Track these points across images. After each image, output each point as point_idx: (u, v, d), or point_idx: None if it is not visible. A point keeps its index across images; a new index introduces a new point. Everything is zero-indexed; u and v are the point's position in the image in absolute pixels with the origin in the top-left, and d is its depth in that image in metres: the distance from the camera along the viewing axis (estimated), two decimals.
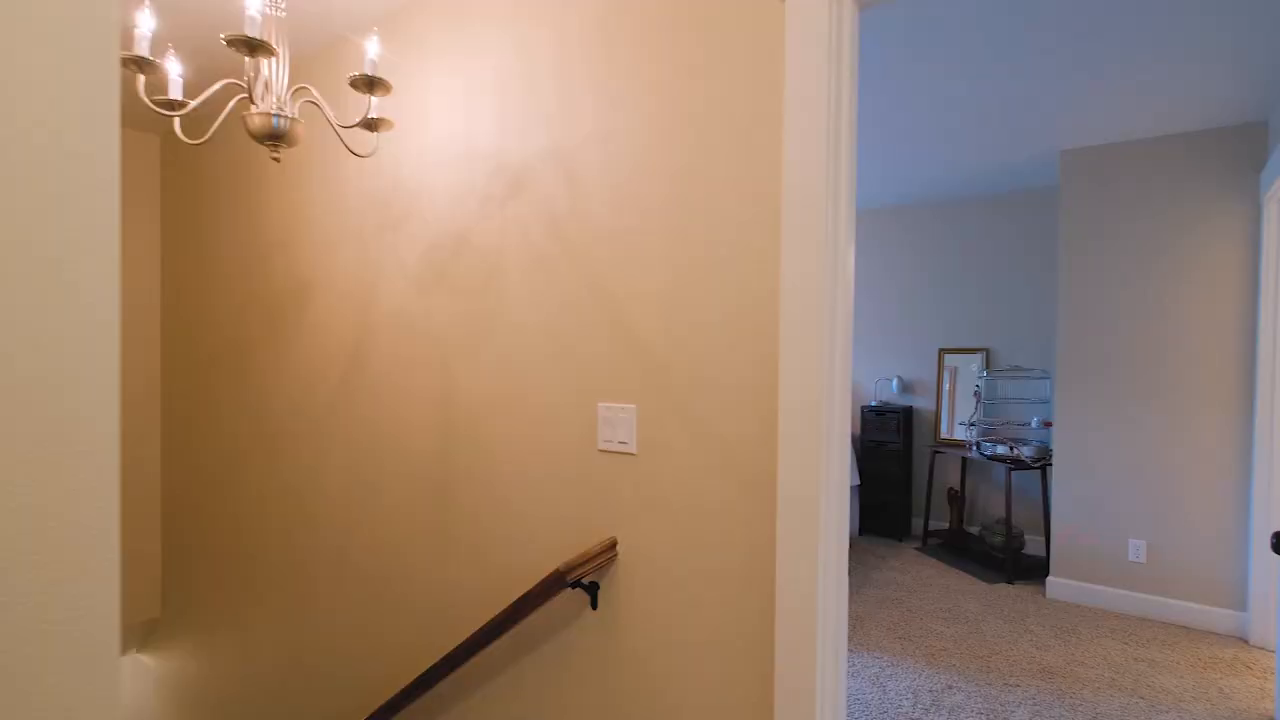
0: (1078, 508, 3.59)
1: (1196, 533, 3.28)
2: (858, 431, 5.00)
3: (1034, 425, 4.31)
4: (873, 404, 4.86)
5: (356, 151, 1.69)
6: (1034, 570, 3.96)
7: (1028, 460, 4.01)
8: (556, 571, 1.45)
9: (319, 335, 2.24)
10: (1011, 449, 4.09)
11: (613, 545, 1.52)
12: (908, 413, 4.76)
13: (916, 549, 4.50)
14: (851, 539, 4.71)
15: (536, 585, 1.52)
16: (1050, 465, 3.93)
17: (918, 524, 4.90)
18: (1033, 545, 4.37)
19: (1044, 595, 3.66)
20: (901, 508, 4.72)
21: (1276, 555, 1.47)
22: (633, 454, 1.49)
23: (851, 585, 3.78)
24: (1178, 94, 2.86)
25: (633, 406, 1.48)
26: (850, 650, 2.93)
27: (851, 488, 4.73)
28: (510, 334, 1.70)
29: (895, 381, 4.92)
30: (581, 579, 1.49)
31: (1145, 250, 3.42)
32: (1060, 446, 3.66)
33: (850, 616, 3.33)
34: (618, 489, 1.51)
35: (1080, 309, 3.59)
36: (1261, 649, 3.03)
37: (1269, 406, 2.99)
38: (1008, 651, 2.95)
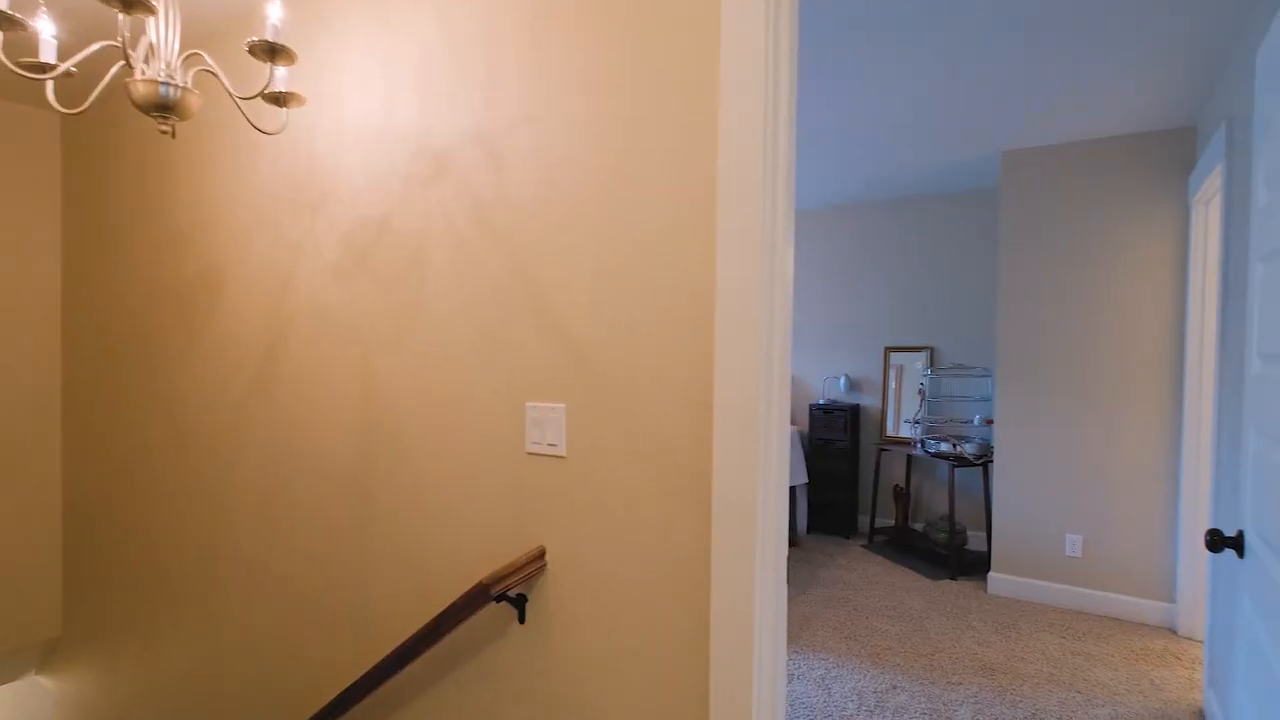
0: (1017, 504, 3.65)
1: (1130, 528, 3.35)
2: (806, 430, 5.00)
3: (976, 423, 4.37)
4: (821, 402, 4.86)
5: (263, 128, 1.54)
6: (976, 566, 4.01)
7: (970, 457, 4.06)
8: (480, 584, 1.35)
9: (233, 325, 2.08)
10: (954, 446, 4.14)
11: (541, 554, 1.42)
12: (855, 411, 4.78)
13: (863, 546, 4.53)
14: (800, 537, 4.70)
15: (459, 599, 1.41)
16: (991, 462, 3.99)
17: (864, 521, 4.94)
18: (975, 541, 4.44)
19: (986, 591, 3.70)
20: (849, 505, 4.74)
21: (1211, 553, 1.46)
22: (562, 457, 1.39)
23: (799, 584, 3.76)
24: (1113, 98, 2.90)
25: (562, 406, 1.38)
26: (796, 652, 2.90)
27: (800, 486, 4.73)
28: (434, 326, 1.58)
29: (843, 380, 4.94)
30: (507, 591, 1.39)
31: (1081, 251, 3.49)
32: (1000, 444, 3.70)
33: (797, 617, 3.31)
34: (546, 494, 1.42)
35: (1019, 308, 3.64)
36: (1189, 639, 3.12)
37: (1196, 405, 3.08)
38: (951, 649, 2.95)
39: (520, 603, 1.44)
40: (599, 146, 1.33)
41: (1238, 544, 1.49)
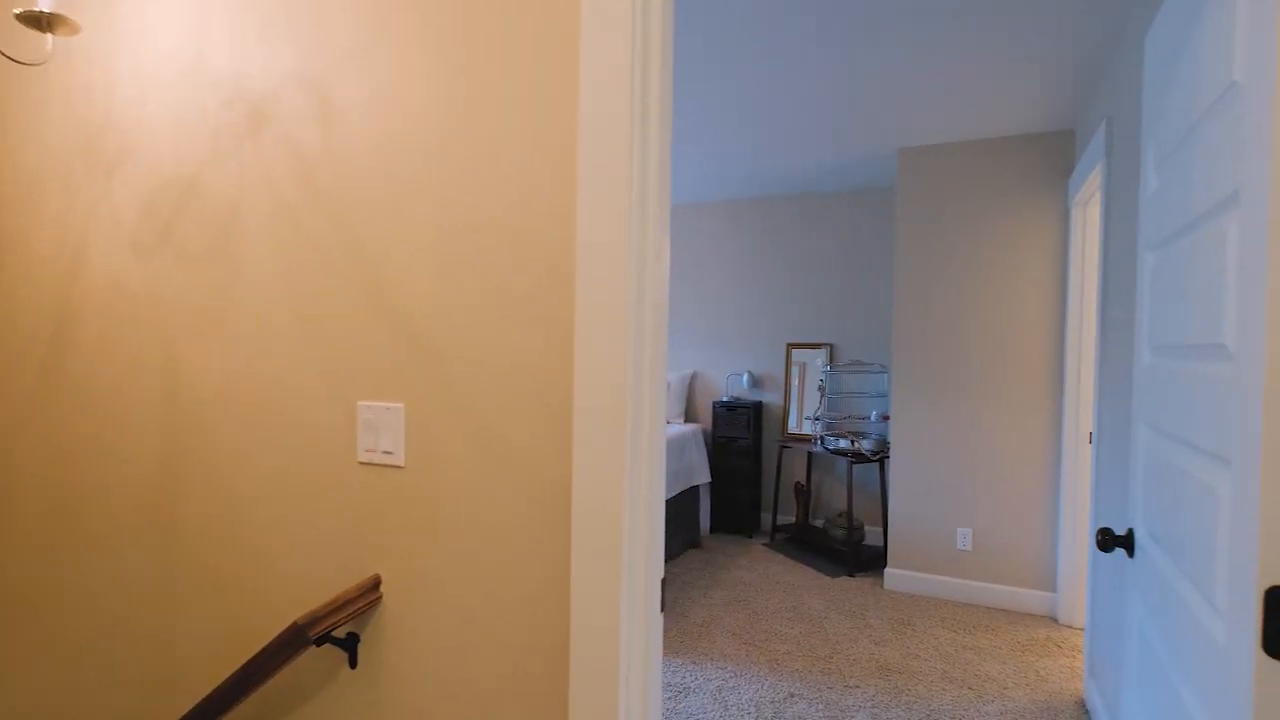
0: (912, 499, 3.68)
1: (1016, 520, 3.44)
2: (709, 427, 4.92)
3: (873, 419, 4.41)
4: (724, 399, 4.79)
5: (17, 58, 1.22)
6: (874, 561, 4.03)
7: (867, 454, 4.08)
8: (294, 626, 1.10)
9: (12, 307, 1.70)
10: (853, 443, 4.15)
11: (375, 585, 1.18)
12: (758, 408, 4.73)
13: (765, 544, 4.48)
14: (702, 537, 4.61)
15: (270, 644, 1.15)
16: (888, 458, 4.02)
17: (767, 519, 4.90)
18: (873, 536, 4.48)
19: (882, 587, 3.71)
20: (751, 503, 4.68)
21: (1102, 552, 1.40)
22: (400, 466, 1.16)
23: (700, 587, 3.65)
24: (998, 97, 2.94)
25: (400, 405, 1.15)
26: (693, 662, 2.76)
27: (703, 485, 4.64)
28: (250, 309, 1.31)
29: (746, 376, 4.89)
30: (331, 631, 1.14)
31: (971, 250, 3.54)
32: (896, 440, 3.73)
33: (698, 621, 3.18)
34: (382, 512, 1.18)
35: (913, 306, 3.67)
36: (1068, 626, 3.22)
37: (1075, 401, 3.17)
38: (848, 650, 2.90)
39: (351, 644, 1.19)
40: (442, 98, 1.11)
41: (1128, 543, 1.44)
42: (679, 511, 4.26)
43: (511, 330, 1.06)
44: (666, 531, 4.05)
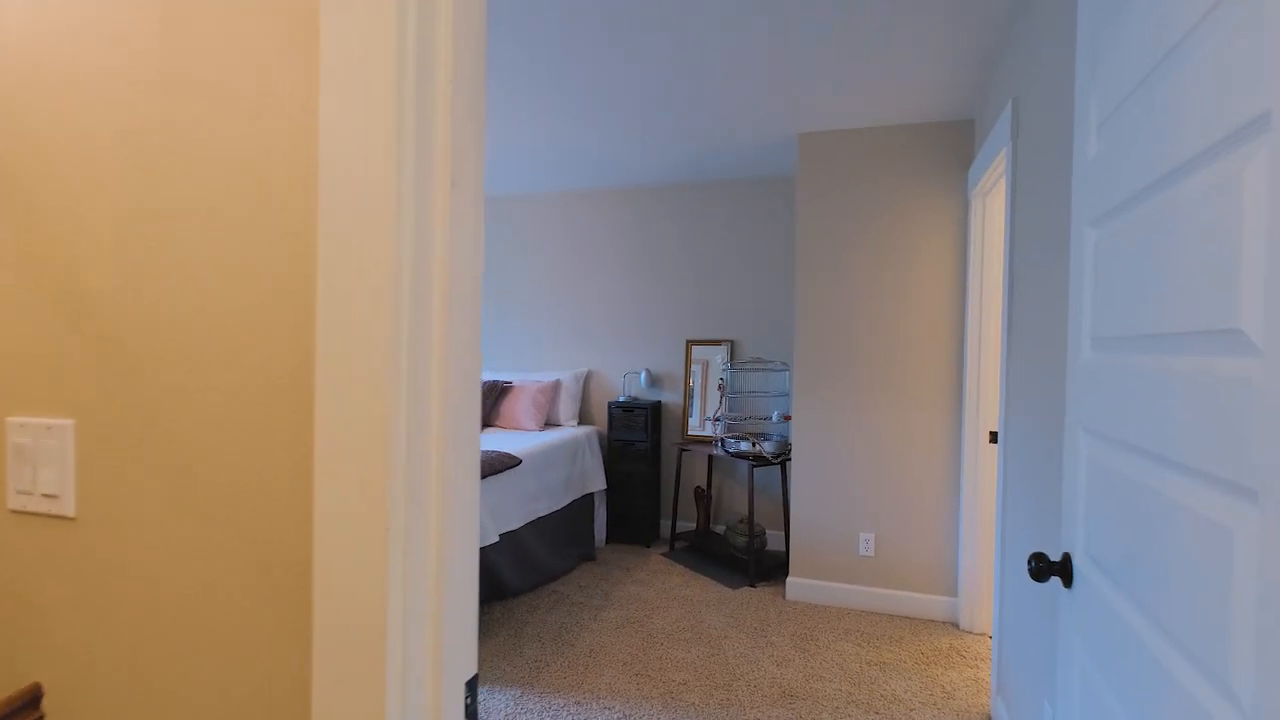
0: (814, 503, 3.50)
1: (917, 524, 3.32)
2: (605, 430, 4.60)
3: (775, 419, 4.23)
4: (621, 400, 4.48)
5: None
6: (776, 569, 3.83)
7: (769, 456, 3.88)
8: None
9: None
10: (754, 445, 3.93)
11: (34, 700, 0.77)
12: (656, 408, 4.46)
13: (664, 554, 4.20)
14: (598, 550, 4.28)
15: None
16: (790, 460, 3.83)
17: (666, 526, 4.64)
18: (775, 540, 4.30)
19: (784, 597, 3.51)
20: (650, 510, 4.40)
21: (1036, 581, 1.18)
22: (69, 517, 0.75)
23: (591, 609, 3.31)
24: (902, 82, 2.77)
25: (68, 423, 0.74)
26: (578, 702, 2.42)
27: (598, 492, 4.31)
28: None
29: (644, 375, 4.60)
30: None
31: (872, 241, 3.40)
32: (798, 441, 3.54)
33: (586, 649, 2.85)
34: (44, 588, 0.77)
35: (815, 300, 3.49)
36: (969, 632, 3.12)
37: (975, 398, 3.07)
38: (749, 674, 2.65)
39: None
40: None
41: (1064, 569, 1.23)
42: (572, 523, 3.91)
43: (230, 308, 0.68)
44: (558, 546, 3.69)
